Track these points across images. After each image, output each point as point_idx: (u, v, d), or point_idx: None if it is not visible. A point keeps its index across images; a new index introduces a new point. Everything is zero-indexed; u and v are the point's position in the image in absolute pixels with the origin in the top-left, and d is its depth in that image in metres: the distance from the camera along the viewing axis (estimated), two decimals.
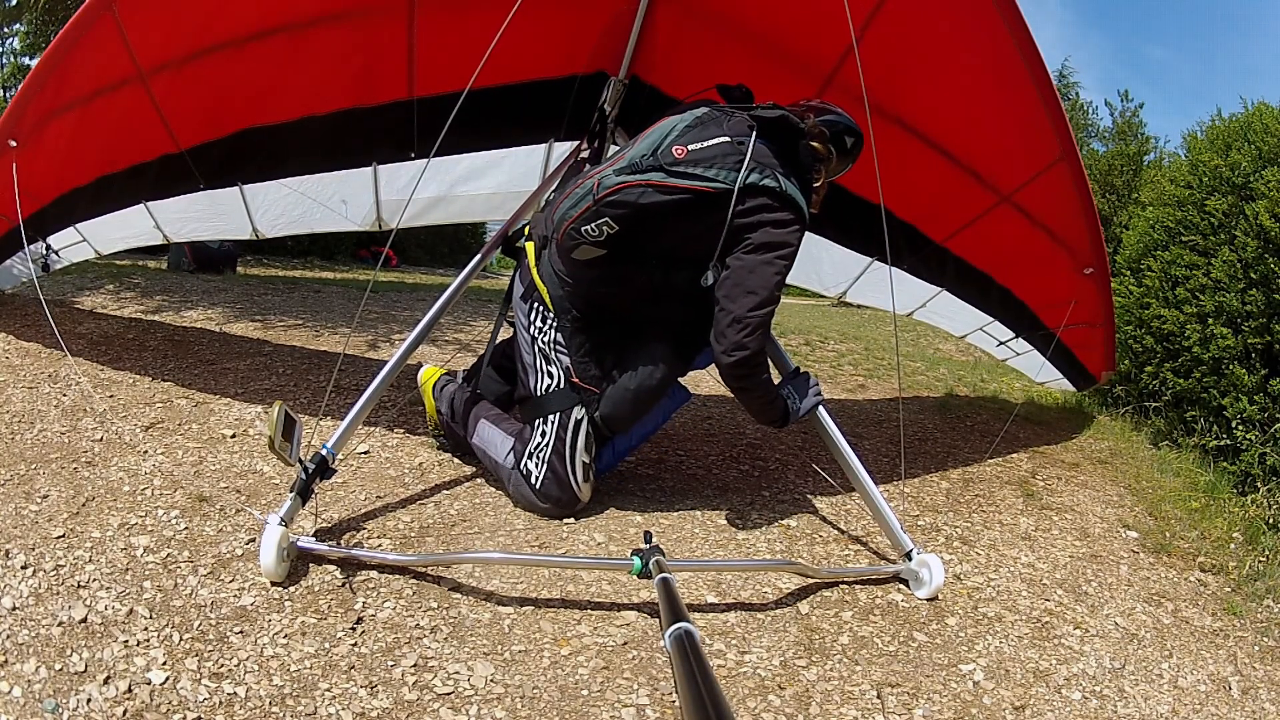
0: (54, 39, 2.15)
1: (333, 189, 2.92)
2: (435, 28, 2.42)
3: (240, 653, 1.47)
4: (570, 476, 2.12)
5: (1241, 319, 3.37)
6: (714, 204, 1.98)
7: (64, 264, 3.37)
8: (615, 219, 2.00)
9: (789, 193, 2.01)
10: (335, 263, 12.87)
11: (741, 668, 1.64)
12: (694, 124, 2.05)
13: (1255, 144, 3.59)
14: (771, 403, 2.16)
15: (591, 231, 2.02)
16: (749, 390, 2.12)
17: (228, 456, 2.28)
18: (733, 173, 1.97)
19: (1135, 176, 10.36)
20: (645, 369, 2.15)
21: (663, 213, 1.98)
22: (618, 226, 2.00)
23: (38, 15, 9.84)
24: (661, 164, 1.97)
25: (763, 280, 2.00)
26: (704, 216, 1.99)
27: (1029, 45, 2.15)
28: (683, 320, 2.19)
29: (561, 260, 2.15)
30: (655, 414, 2.30)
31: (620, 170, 2.00)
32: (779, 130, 2.06)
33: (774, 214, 2.00)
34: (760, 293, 2.00)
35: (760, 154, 2.01)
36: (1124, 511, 2.86)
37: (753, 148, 1.99)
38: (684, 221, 2.00)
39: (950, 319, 3.74)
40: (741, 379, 2.08)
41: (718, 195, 1.97)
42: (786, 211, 2.01)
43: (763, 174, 1.98)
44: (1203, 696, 1.83)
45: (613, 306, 2.17)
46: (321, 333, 4.04)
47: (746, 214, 1.99)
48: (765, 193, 1.99)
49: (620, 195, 1.98)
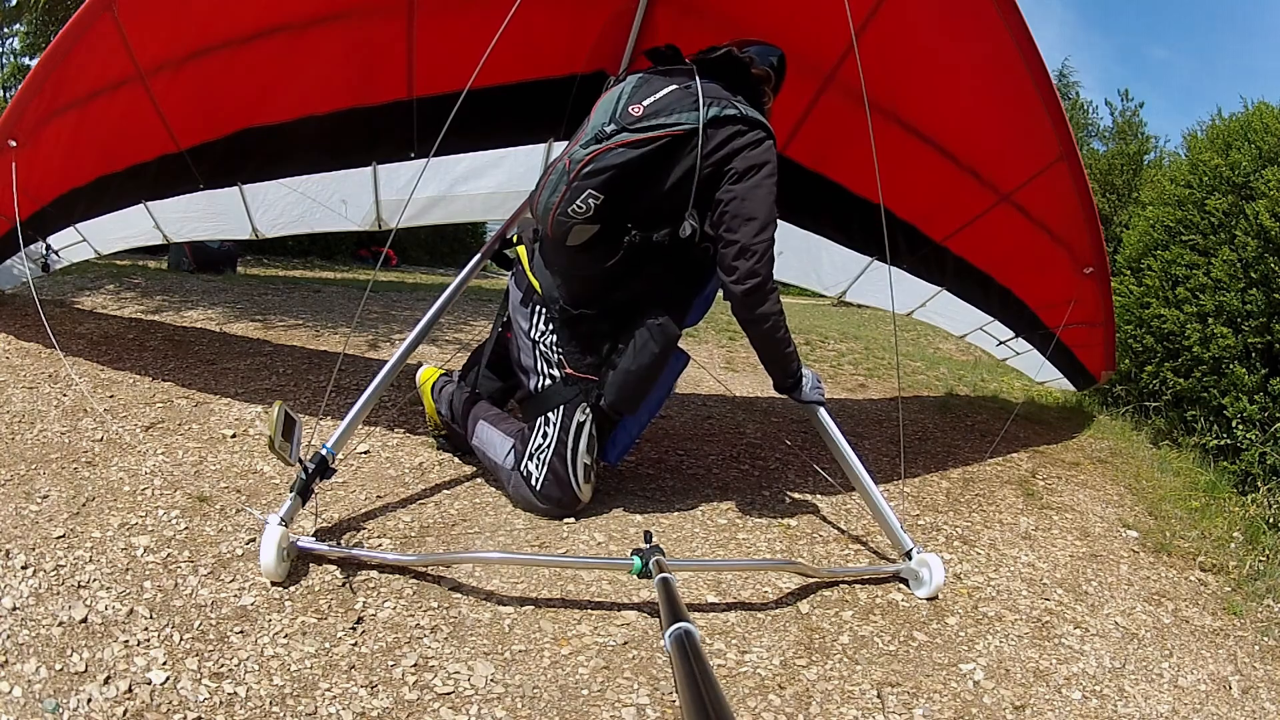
0: (54, 39, 2.15)
1: (332, 189, 2.92)
2: (435, 27, 2.43)
3: (240, 653, 1.47)
4: (571, 478, 2.12)
5: (1242, 318, 3.37)
6: (685, 145, 2.02)
7: (64, 264, 3.37)
8: (598, 188, 2.00)
9: (751, 114, 2.05)
10: (335, 263, 12.87)
11: (741, 667, 1.64)
12: (639, 84, 2.09)
13: (1255, 143, 3.58)
14: (787, 344, 2.15)
15: (579, 209, 2.02)
16: (764, 322, 2.09)
17: (228, 456, 2.28)
18: (693, 112, 2.01)
19: (1135, 176, 10.37)
20: (642, 347, 2.13)
21: (642, 168, 2.01)
22: (602, 195, 2.01)
23: (38, 15, 9.85)
24: (624, 125, 2.01)
25: (759, 202, 2.02)
26: (680, 161, 2.02)
27: (1028, 44, 2.15)
28: (667, 284, 2.18)
29: (555, 251, 2.16)
30: (660, 386, 2.27)
31: (586, 143, 2.02)
32: (723, 67, 2.12)
33: (745, 137, 2.03)
34: (760, 215, 2.01)
35: (711, 91, 2.05)
36: (1124, 511, 2.86)
37: (701, 87, 2.04)
38: (662, 172, 2.03)
39: (950, 318, 3.74)
40: (756, 307, 2.07)
41: (687, 135, 2.01)
42: (756, 131, 2.04)
43: (721, 106, 2.03)
44: (1203, 696, 1.83)
45: (601, 287, 2.15)
46: (322, 333, 4.04)
47: (719, 147, 2.02)
48: (729, 121, 2.02)
49: (595, 163, 2.00)
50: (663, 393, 2.32)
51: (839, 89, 2.58)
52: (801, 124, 2.81)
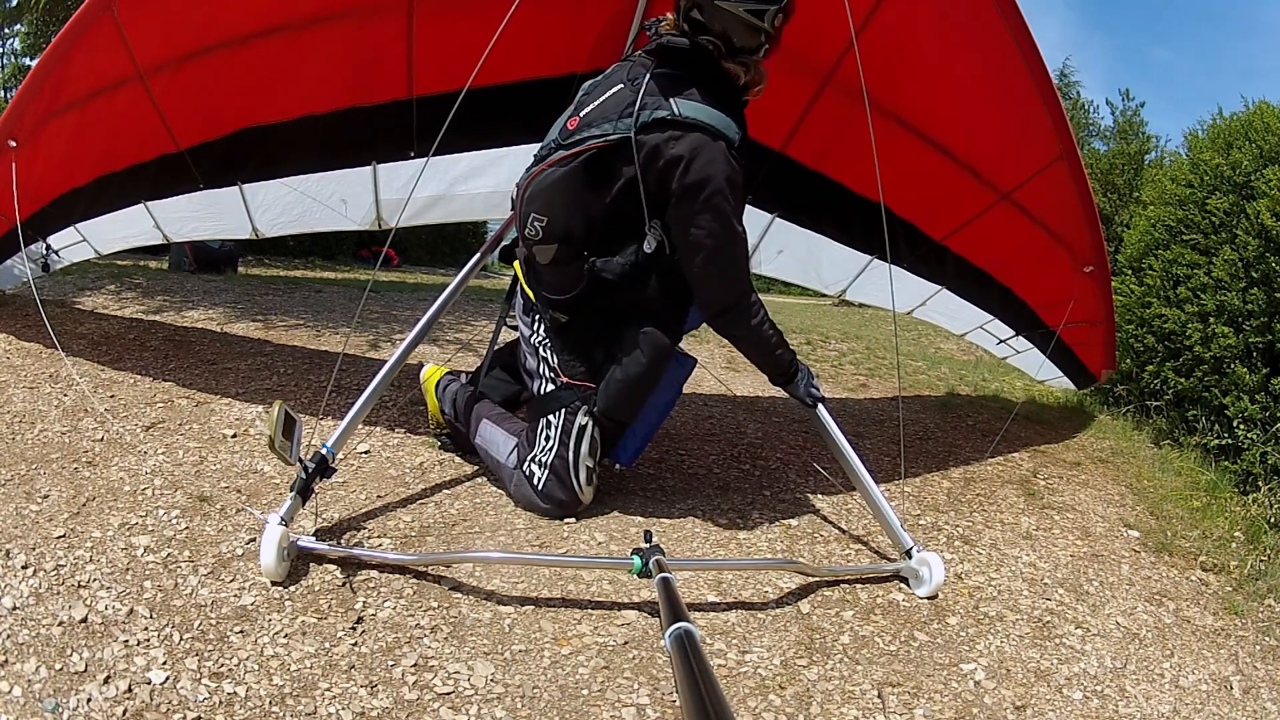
0: (54, 39, 2.16)
1: (332, 188, 2.92)
2: (434, 27, 2.43)
3: (240, 652, 1.47)
4: (573, 480, 2.10)
5: (1243, 318, 3.37)
6: (617, 156, 1.86)
7: (64, 264, 3.37)
8: (539, 211, 1.96)
9: (688, 116, 1.80)
10: (336, 263, 12.88)
11: (742, 667, 1.63)
12: (594, 85, 1.99)
13: (1256, 143, 3.58)
14: (770, 350, 2.09)
15: (531, 233, 1.99)
16: (742, 340, 2.08)
17: (228, 456, 2.28)
18: (625, 119, 1.83)
19: (1136, 175, 10.36)
20: (630, 356, 2.07)
21: (570, 187, 1.90)
22: (545, 217, 1.95)
23: (38, 16, 9.87)
24: (560, 142, 1.93)
25: (705, 231, 1.84)
26: (618, 174, 1.88)
27: (1028, 43, 2.15)
28: (653, 292, 2.06)
29: (531, 266, 2.15)
30: (666, 388, 2.21)
31: (529, 166, 1.98)
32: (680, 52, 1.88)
33: (679, 145, 1.80)
34: (706, 244, 1.85)
35: (655, 87, 1.83)
36: (1125, 511, 2.86)
37: (647, 83, 1.84)
38: (597, 188, 1.91)
39: (950, 317, 3.74)
40: (726, 329, 2.04)
41: (616, 147, 1.84)
42: (694, 135, 1.80)
43: (655, 108, 1.81)
44: (1204, 696, 1.83)
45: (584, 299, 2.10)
46: (322, 332, 4.04)
47: (653, 156, 1.83)
48: (659, 126, 1.81)
49: (531, 188, 1.96)
50: (671, 395, 2.28)
51: (838, 88, 2.57)
52: (801, 123, 2.81)
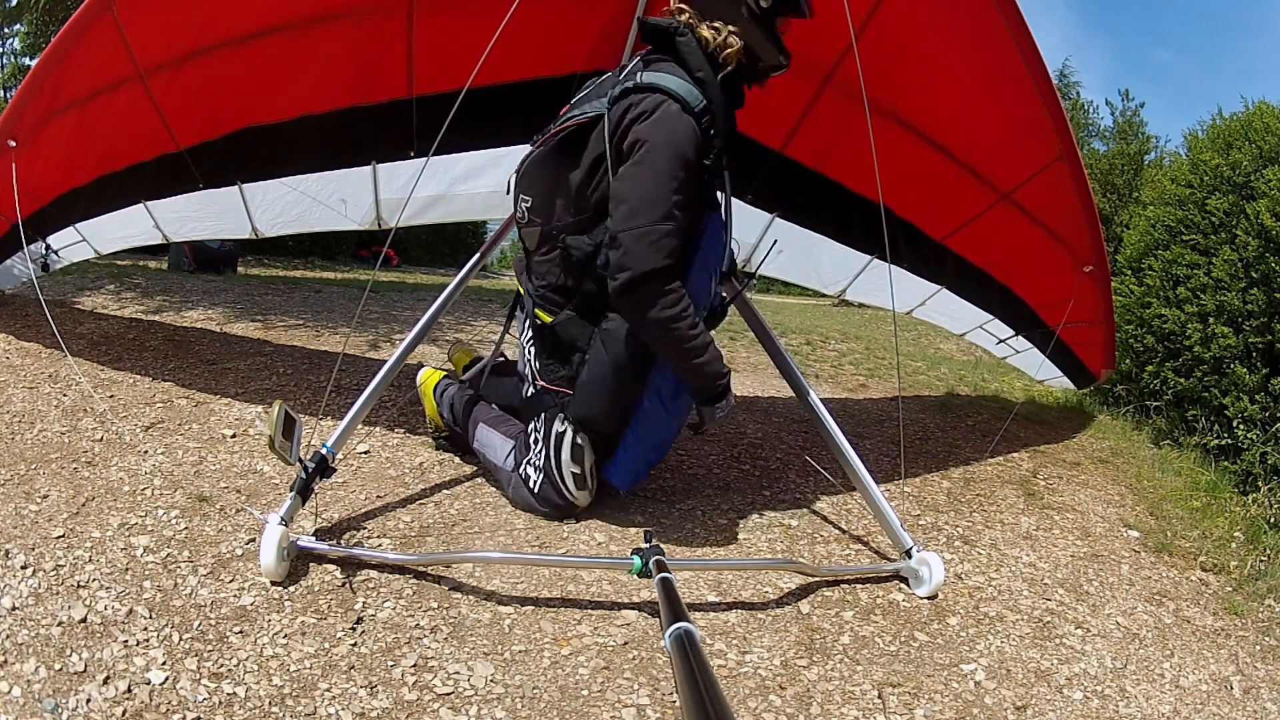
0: (54, 39, 2.15)
1: (332, 188, 2.92)
2: (434, 27, 2.42)
3: (240, 653, 1.47)
4: (562, 485, 2.07)
5: (1242, 318, 3.37)
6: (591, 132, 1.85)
7: (64, 264, 3.37)
8: (525, 191, 2.02)
9: (650, 83, 1.80)
10: (336, 263, 12.87)
11: (742, 667, 1.63)
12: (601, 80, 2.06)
13: (1256, 143, 3.58)
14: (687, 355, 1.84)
15: (520, 216, 2.06)
16: (648, 327, 1.81)
17: (228, 456, 2.28)
18: (604, 99, 1.87)
19: (1136, 176, 10.36)
20: (594, 355, 1.99)
21: (552, 164, 1.94)
22: (530, 198, 2.01)
23: (38, 15, 9.88)
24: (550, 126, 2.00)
25: (635, 181, 1.75)
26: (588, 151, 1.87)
27: (1028, 43, 2.14)
28: None
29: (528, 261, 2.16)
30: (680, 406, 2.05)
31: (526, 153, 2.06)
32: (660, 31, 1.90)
33: (639, 106, 1.79)
34: (630, 197, 1.74)
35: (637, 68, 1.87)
36: (1125, 511, 2.86)
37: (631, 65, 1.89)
38: (571, 166, 1.91)
39: (950, 317, 3.74)
40: (629, 308, 1.81)
41: (592, 122, 1.85)
42: (653, 96, 1.79)
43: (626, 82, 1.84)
44: (1204, 696, 1.83)
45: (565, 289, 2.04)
46: (322, 333, 4.04)
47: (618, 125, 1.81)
48: (624, 95, 1.81)
49: (522, 169, 2.04)
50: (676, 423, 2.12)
51: (838, 88, 2.57)
52: (801, 123, 2.80)
